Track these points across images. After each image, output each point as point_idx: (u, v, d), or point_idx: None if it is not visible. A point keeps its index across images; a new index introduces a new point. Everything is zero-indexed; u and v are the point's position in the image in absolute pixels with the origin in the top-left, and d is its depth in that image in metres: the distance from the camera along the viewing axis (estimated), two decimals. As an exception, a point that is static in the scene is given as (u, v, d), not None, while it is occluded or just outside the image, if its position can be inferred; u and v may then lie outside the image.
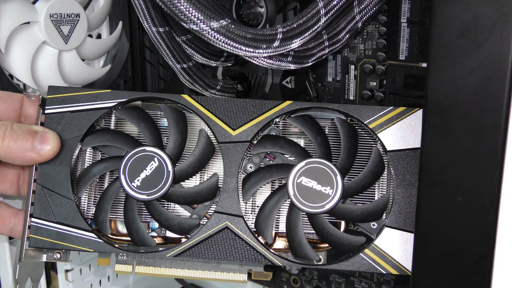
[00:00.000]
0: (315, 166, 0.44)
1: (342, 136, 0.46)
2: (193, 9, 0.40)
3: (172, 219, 0.47)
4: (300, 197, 0.44)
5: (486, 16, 0.40)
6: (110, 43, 0.71)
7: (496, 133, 0.41)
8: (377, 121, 0.45)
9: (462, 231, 0.44)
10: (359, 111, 0.46)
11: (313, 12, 0.46)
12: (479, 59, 0.41)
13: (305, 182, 0.44)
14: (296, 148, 0.46)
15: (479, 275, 0.43)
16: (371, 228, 0.46)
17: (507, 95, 0.40)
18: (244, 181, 0.46)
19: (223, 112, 0.46)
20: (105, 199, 0.47)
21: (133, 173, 0.45)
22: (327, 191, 0.44)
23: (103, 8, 0.69)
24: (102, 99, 0.47)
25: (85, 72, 0.68)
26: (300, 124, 0.46)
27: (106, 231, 0.47)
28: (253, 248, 0.45)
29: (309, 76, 0.65)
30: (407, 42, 0.56)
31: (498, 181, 0.41)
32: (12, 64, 0.60)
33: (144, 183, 0.45)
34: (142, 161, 0.46)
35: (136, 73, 0.75)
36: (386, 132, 0.45)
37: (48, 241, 0.47)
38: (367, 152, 0.47)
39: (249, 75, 0.66)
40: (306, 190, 0.44)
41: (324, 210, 0.44)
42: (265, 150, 0.46)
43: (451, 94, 0.42)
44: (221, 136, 0.46)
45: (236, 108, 0.46)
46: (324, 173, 0.44)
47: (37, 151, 0.45)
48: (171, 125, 0.47)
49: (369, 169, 0.45)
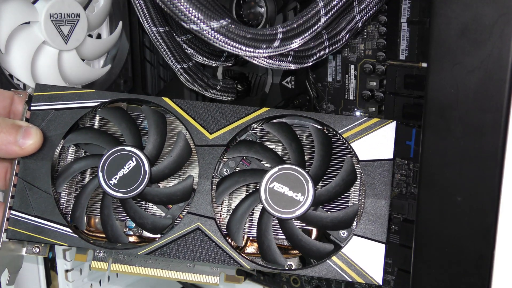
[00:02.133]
0: (287, 172, 0.45)
1: (316, 144, 0.46)
2: (193, 9, 0.40)
3: (146, 218, 0.48)
4: (271, 202, 0.45)
5: (486, 16, 0.40)
6: (110, 43, 0.71)
7: (496, 133, 0.41)
8: (351, 131, 0.46)
9: (462, 231, 0.44)
10: (334, 120, 0.46)
11: (313, 12, 0.46)
12: (479, 59, 0.41)
13: (277, 188, 0.45)
14: (270, 154, 0.47)
15: (479, 275, 0.43)
16: (341, 236, 0.47)
17: (507, 95, 0.40)
18: (218, 184, 0.47)
19: (202, 116, 0.47)
20: (83, 195, 0.48)
21: (111, 171, 0.46)
22: (298, 197, 0.45)
23: (103, 8, 0.69)
24: (86, 98, 0.48)
25: (85, 72, 0.68)
26: (275, 131, 0.47)
27: (81, 227, 0.48)
28: (223, 251, 0.46)
29: (309, 76, 0.65)
30: (407, 42, 0.56)
31: (498, 181, 0.41)
32: (12, 64, 0.60)
33: (121, 182, 0.46)
34: (121, 160, 0.47)
35: (136, 73, 0.75)
36: (359, 142, 0.46)
37: (25, 234, 0.47)
38: (341, 160, 0.47)
39: (249, 75, 0.66)
40: (278, 196, 0.45)
41: (294, 216, 0.45)
42: (240, 154, 0.47)
43: (451, 94, 0.42)
44: (198, 139, 0.47)
45: (214, 112, 0.47)
46: (296, 180, 0.45)
47: (20, 144, 0.46)
48: (151, 127, 0.48)
49: (341, 178, 0.46)
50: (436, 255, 0.45)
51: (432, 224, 0.45)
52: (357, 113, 0.63)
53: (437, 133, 0.44)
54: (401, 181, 0.61)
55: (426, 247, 0.46)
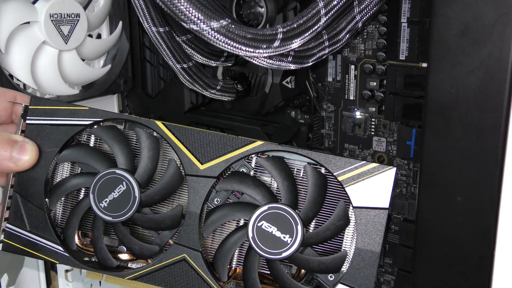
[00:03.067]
0: (277, 212, 0.43)
1: (310, 185, 0.44)
2: (193, 9, 0.40)
3: (134, 243, 0.47)
4: (258, 241, 0.44)
5: (486, 16, 0.40)
6: (110, 43, 0.71)
7: (496, 133, 0.41)
8: (347, 174, 0.43)
9: (462, 231, 0.44)
10: (330, 161, 0.44)
11: (313, 12, 0.46)
12: (479, 59, 0.41)
13: (265, 227, 0.44)
14: (262, 189, 0.45)
15: (479, 275, 0.43)
16: (328, 279, 0.45)
17: (507, 95, 0.40)
18: (207, 216, 0.46)
19: (193, 144, 0.46)
20: (74, 214, 0.48)
21: (101, 193, 0.46)
22: (286, 239, 0.43)
23: (103, 8, 0.69)
24: (79, 116, 0.47)
25: (85, 72, 0.68)
26: (268, 167, 0.45)
27: (72, 245, 0.48)
28: (208, 284, 0.45)
29: (309, 76, 0.65)
30: (407, 42, 0.56)
31: (498, 181, 0.41)
32: (12, 64, 0.60)
33: (111, 205, 0.46)
34: (112, 183, 0.46)
35: (136, 73, 0.75)
36: (355, 187, 0.43)
37: (19, 248, 0.48)
38: (334, 203, 0.45)
39: (249, 75, 0.66)
40: (265, 235, 0.44)
41: (280, 257, 0.44)
42: (230, 188, 0.46)
43: (451, 94, 0.42)
44: (189, 168, 0.46)
45: (207, 141, 0.45)
46: (285, 220, 0.43)
47: (15, 161, 0.45)
48: (143, 150, 0.47)
49: (332, 222, 0.44)
50: (436, 255, 0.45)
51: (432, 224, 0.45)
52: (357, 113, 0.63)
53: (437, 133, 0.44)
54: (401, 181, 0.61)
55: (426, 247, 0.46)
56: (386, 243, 0.64)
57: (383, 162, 0.62)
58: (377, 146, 0.63)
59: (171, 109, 0.73)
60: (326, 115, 0.66)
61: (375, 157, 0.63)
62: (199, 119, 0.72)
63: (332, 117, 0.65)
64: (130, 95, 0.77)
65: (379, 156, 0.63)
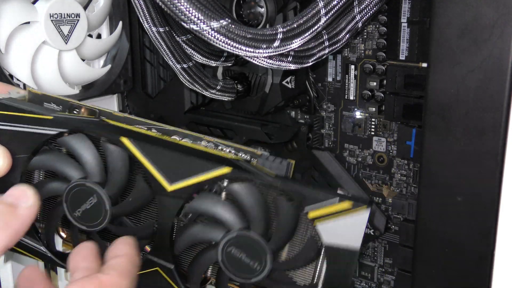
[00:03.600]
0: (246, 239, 0.42)
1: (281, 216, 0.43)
2: (193, 9, 0.40)
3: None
4: (228, 264, 0.43)
5: (486, 16, 0.40)
6: (110, 43, 0.71)
7: (496, 133, 0.41)
8: (320, 210, 0.41)
9: (462, 231, 0.44)
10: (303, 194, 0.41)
11: (313, 12, 0.46)
12: (479, 59, 0.41)
13: (235, 253, 0.43)
14: (231, 215, 0.43)
15: (479, 275, 0.43)
16: None
17: (507, 95, 0.40)
18: (177, 234, 0.45)
19: (162, 164, 0.43)
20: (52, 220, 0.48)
21: (74, 203, 0.45)
22: (255, 266, 0.42)
23: (103, 8, 0.69)
24: (44, 125, 0.45)
25: (85, 72, 0.68)
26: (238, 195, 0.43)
27: (52, 248, 0.48)
28: None
29: (309, 76, 0.65)
30: (407, 42, 0.56)
31: (498, 181, 0.41)
32: (12, 64, 0.60)
33: (84, 215, 0.45)
34: (83, 194, 0.45)
35: (136, 73, 0.75)
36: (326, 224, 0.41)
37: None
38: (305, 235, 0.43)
39: (249, 75, 0.66)
40: (234, 260, 0.43)
41: (249, 282, 0.43)
42: (199, 211, 0.44)
43: (451, 94, 0.43)
44: (157, 188, 0.44)
45: (175, 162, 0.43)
46: (254, 249, 0.42)
47: None
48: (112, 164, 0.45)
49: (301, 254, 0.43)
50: (436, 255, 0.45)
51: (432, 224, 0.45)
52: (357, 113, 0.63)
53: (437, 133, 0.44)
54: (401, 181, 0.61)
55: (426, 247, 0.46)
56: (386, 243, 0.64)
57: (383, 162, 0.62)
58: (377, 146, 0.63)
59: (171, 109, 0.73)
60: (326, 115, 0.66)
61: (375, 157, 0.63)
62: (199, 119, 0.72)
63: (332, 117, 0.65)
64: (130, 95, 0.77)
65: (379, 156, 0.63)
